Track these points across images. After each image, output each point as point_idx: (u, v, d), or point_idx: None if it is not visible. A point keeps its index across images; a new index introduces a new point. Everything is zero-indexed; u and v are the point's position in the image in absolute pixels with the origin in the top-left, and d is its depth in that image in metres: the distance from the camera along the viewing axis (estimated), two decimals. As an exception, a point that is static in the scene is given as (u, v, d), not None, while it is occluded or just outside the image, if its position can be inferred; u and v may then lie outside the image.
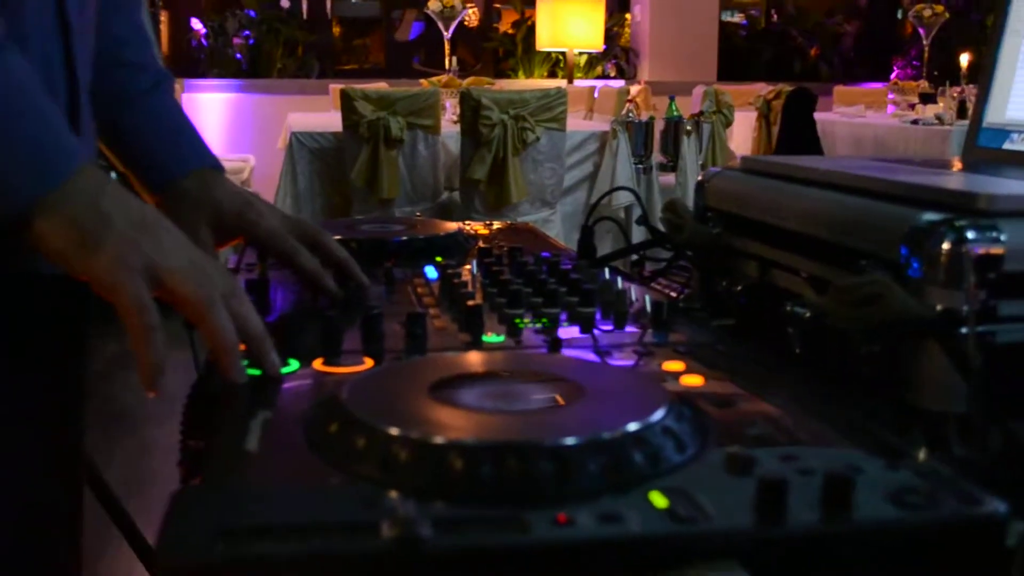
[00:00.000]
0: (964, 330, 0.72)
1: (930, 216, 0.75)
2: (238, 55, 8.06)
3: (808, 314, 0.78)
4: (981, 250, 0.72)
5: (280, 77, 8.11)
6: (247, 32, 8.10)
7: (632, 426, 0.55)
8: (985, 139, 1.15)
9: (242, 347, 0.73)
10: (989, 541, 0.51)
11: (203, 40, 8.02)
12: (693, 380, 0.71)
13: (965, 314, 0.72)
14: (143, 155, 1.02)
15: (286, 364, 0.73)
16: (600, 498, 0.50)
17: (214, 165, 1.03)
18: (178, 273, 0.74)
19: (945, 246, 0.72)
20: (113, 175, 0.81)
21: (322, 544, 0.45)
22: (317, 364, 0.73)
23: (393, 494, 0.50)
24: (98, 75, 0.97)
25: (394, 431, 0.53)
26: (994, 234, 0.72)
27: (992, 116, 1.15)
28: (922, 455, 0.58)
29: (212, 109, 7.22)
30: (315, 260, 0.96)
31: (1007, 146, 1.11)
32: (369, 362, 0.73)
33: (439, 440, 0.52)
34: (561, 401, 0.61)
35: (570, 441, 0.52)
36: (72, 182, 0.73)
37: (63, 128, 0.76)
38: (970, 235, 0.72)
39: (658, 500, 0.50)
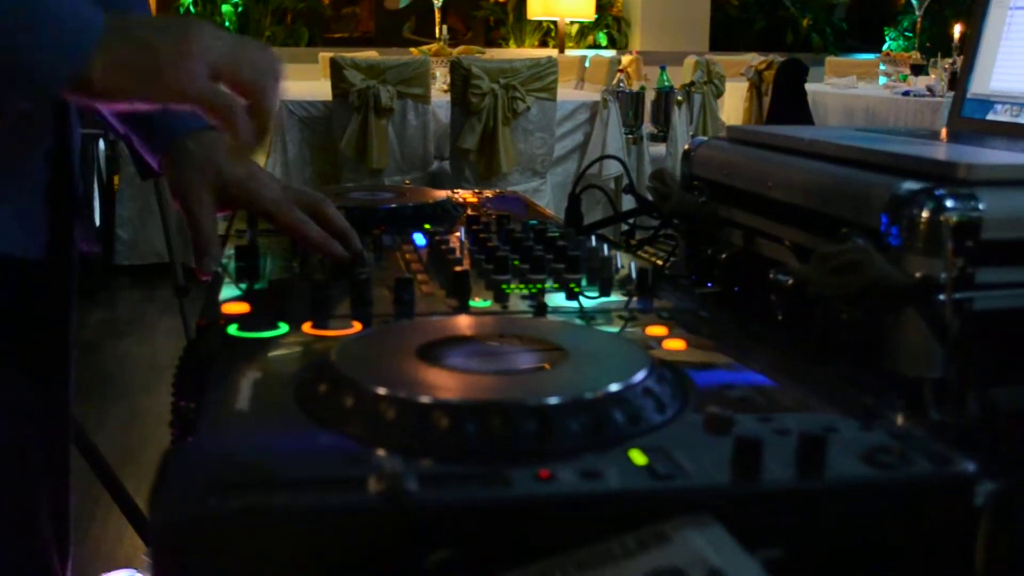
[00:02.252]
0: (942, 297, 0.74)
1: (910, 185, 0.76)
2: (227, 23, 8.01)
3: (790, 281, 0.80)
4: (959, 218, 0.73)
5: (269, 45, 8.06)
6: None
7: (613, 387, 0.56)
8: (969, 109, 1.16)
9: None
10: (958, 500, 0.53)
11: (191, 7, 7.96)
12: (675, 345, 0.72)
13: (943, 281, 0.74)
14: (145, 116, 1.01)
15: (276, 327, 0.74)
16: (581, 456, 0.51)
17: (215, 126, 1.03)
18: (231, 64, 0.78)
19: (924, 214, 0.74)
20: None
21: (311, 498, 0.47)
22: (306, 327, 0.74)
23: (380, 451, 0.51)
24: None
25: (382, 390, 0.55)
26: (972, 203, 0.74)
27: (976, 87, 1.16)
28: (899, 419, 0.60)
29: (201, 77, 7.18)
30: (320, 230, 0.96)
31: (991, 117, 1.13)
32: (358, 326, 0.75)
33: (425, 399, 0.54)
34: (545, 363, 0.63)
35: (553, 401, 0.54)
36: (108, 26, 0.74)
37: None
38: (949, 204, 0.73)
39: (638, 458, 0.51)
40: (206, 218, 0.96)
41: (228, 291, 0.85)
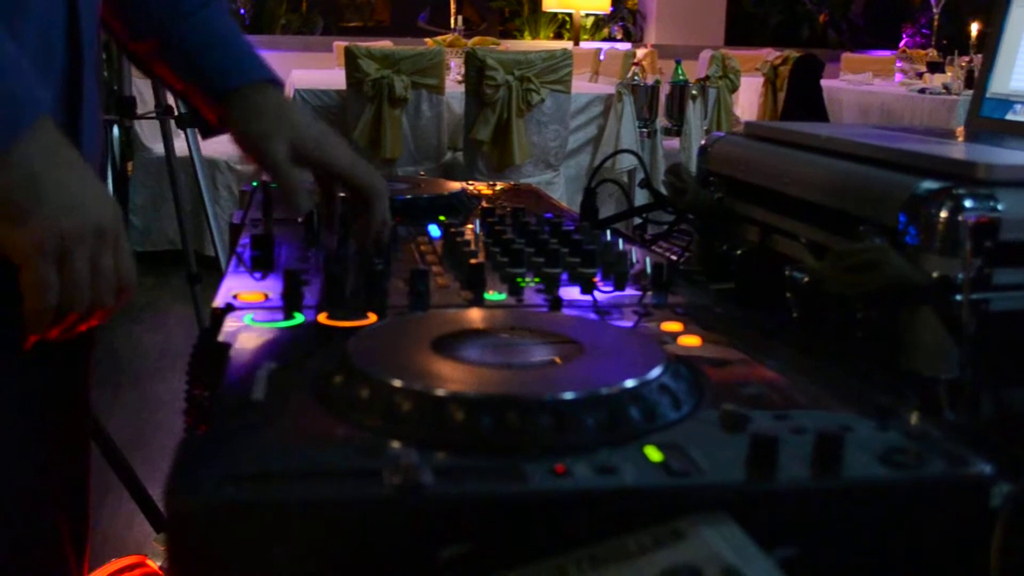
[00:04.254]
0: (959, 297, 0.73)
1: (928, 184, 0.76)
2: (242, 11, 8.01)
3: (806, 279, 0.80)
4: (978, 219, 0.73)
5: (283, 33, 8.06)
6: (251, -13, 8.06)
7: (629, 383, 0.56)
8: (988, 109, 1.16)
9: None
10: (974, 501, 0.53)
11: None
12: (691, 341, 0.72)
13: (960, 281, 0.73)
14: (204, 65, 1.01)
15: (291, 317, 0.74)
16: (597, 451, 0.51)
17: (276, 80, 1.02)
18: (80, 261, 0.77)
19: (943, 214, 0.73)
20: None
21: (327, 489, 0.47)
22: (322, 318, 0.74)
23: (396, 443, 0.51)
24: None
25: (398, 383, 0.55)
26: (991, 203, 0.73)
27: (996, 86, 1.15)
28: (914, 419, 0.60)
29: (216, 64, 7.19)
30: (386, 211, 0.97)
31: (1010, 116, 1.12)
32: (373, 317, 0.75)
33: (441, 392, 0.54)
34: (560, 358, 0.63)
35: (568, 396, 0.54)
36: (17, 146, 0.73)
37: (20, 79, 0.75)
38: (967, 204, 0.73)
39: (653, 454, 0.51)
40: (284, 161, 0.96)
41: (243, 279, 0.86)
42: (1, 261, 0.78)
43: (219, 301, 0.79)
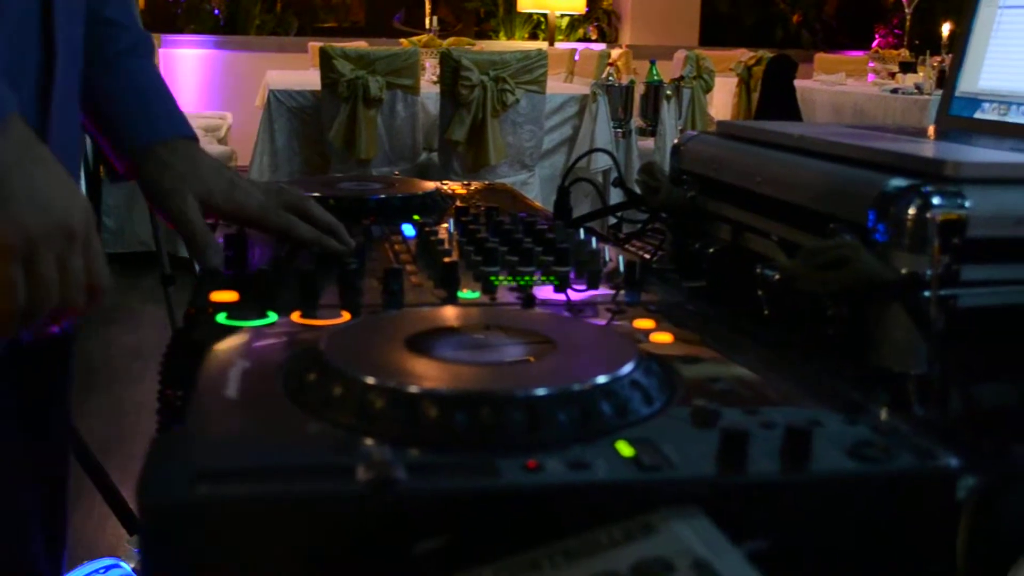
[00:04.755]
0: (927, 293, 0.74)
1: (897, 182, 0.76)
2: (216, 11, 7.97)
3: (777, 276, 0.80)
4: (945, 216, 0.74)
5: (258, 34, 8.03)
6: (225, -13, 8.02)
7: (601, 379, 0.56)
8: (958, 108, 1.17)
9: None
10: (941, 494, 0.53)
11: (181, -6, 7.93)
12: (663, 338, 0.73)
13: (929, 278, 0.74)
14: (116, 118, 1.00)
15: (264, 316, 0.74)
16: (569, 446, 0.52)
17: (189, 135, 1.01)
18: (46, 261, 0.76)
19: (911, 211, 0.74)
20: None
21: (301, 486, 0.47)
22: (295, 316, 0.74)
23: (369, 440, 0.52)
24: None
25: (371, 380, 0.55)
26: (959, 200, 0.74)
27: (965, 85, 1.16)
28: (883, 414, 0.60)
29: (189, 66, 7.16)
30: (311, 228, 0.96)
31: (978, 115, 1.13)
32: (346, 315, 0.75)
33: (414, 389, 0.54)
34: (533, 355, 0.63)
35: (541, 392, 0.54)
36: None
37: None
38: (935, 201, 0.74)
39: (625, 449, 0.52)
40: (195, 216, 0.95)
41: (216, 280, 0.85)
42: None
43: (192, 301, 0.78)
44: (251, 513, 0.46)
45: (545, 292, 0.85)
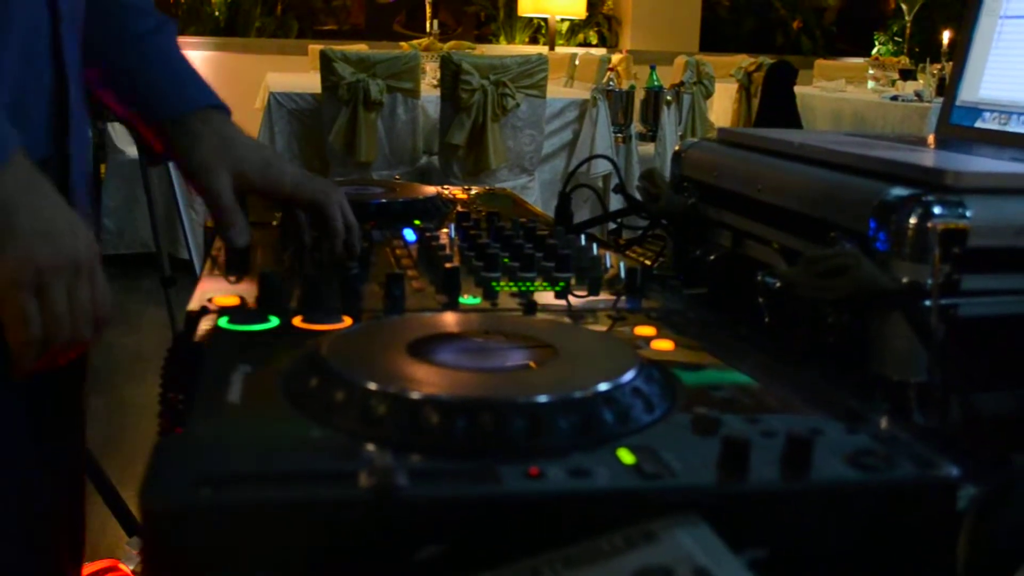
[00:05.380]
0: (928, 302, 0.74)
1: (898, 191, 0.77)
2: (216, 13, 7.97)
3: (778, 284, 0.80)
4: (946, 225, 0.74)
5: (258, 37, 8.04)
6: (226, -11, 8.02)
7: (602, 386, 0.57)
8: (958, 117, 1.17)
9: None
10: (942, 503, 0.53)
11: (181, -3, 7.93)
12: (664, 345, 0.73)
13: (929, 287, 0.74)
14: (147, 92, 1.00)
15: (266, 321, 0.74)
16: (570, 454, 0.52)
17: (221, 106, 1.02)
18: (58, 292, 0.77)
19: (912, 220, 0.74)
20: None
21: (302, 491, 0.47)
22: (296, 321, 0.74)
23: (371, 446, 0.52)
24: (98, 18, 0.96)
25: (373, 386, 0.55)
26: (960, 210, 0.75)
27: (965, 94, 1.17)
28: (884, 423, 0.61)
29: (190, 67, 7.15)
30: (339, 217, 0.97)
31: (979, 124, 1.14)
32: (348, 320, 0.75)
33: (416, 395, 0.54)
34: (534, 361, 0.63)
35: (542, 399, 0.54)
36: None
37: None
38: (936, 210, 0.74)
39: (626, 457, 0.52)
40: (226, 194, 0.96)
41: (218, 283, 0.86)
42: None
43: (194, 304, 0.79)
44: (253, 518, 0.46)
45: (546, 298, 0.85)
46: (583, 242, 1.02)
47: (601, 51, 7.54)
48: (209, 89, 1.02)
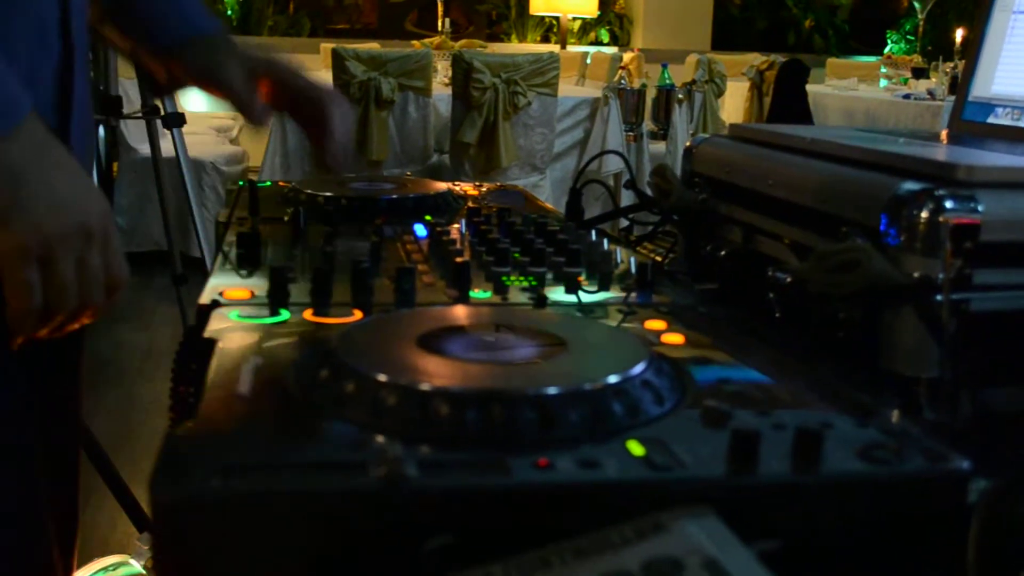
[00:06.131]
0: (939, 297, 0.74)
1: (909, 185, 0.76)
2: (228, 12, 8.00)
3: (789, 279, 0.80)
4: (958, 220, 0.74)
5: (270, 35, 8.05)
6: (238, -12, 8.04)
7: (612, 378, 0.57)
8: (970, 112, 1.17)
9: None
10: (952, 497, 0.53)
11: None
12: (674, 339, 0.73)
13: (941, 282, 0.74)
14: (152, 21, 1.02)
15: (277, 314, 0.75)
16: (580, 445, 0.52)
17: (224, 34, 1.05)
18: (64, 262, 0.76)
19: (923, 215, 0.74)
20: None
21: (312, 481, 0.47)
22: (307, 314, 0.74)
23: (381, 437, 0.52)
24: None
25: (383, 377, 0.55)
26: (971, 204, 0.74)
27: (978, 90, 1.16)
28: (895, 417, 0.60)
29: (202, 65, 7.17)
30: (343, 125, 1.02)
31: (991, 120, 1.13)
32: (358, 314, 0.75)
33: (426, 387, 0.54)
34: (545, 354, 0.63)
35: (552, 391, 0.54)
36: (1, 143, 0.72)
37: (5, 80, 0.74)
38: (948, 205, 0.74)
39: (635, 448, 0.52)
40: (239, 82, 1.00)
41: (229, 277, 0.86)
42: None
43: (205, 298, 0.79)
44: (263, 508, 0.47)
45: (557, 293, 0.85)
46: (594, 237, 1.02)
47: (613, 49, 7.53)
48: (211, 16, 1.05)
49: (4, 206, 0.73)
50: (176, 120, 3.00)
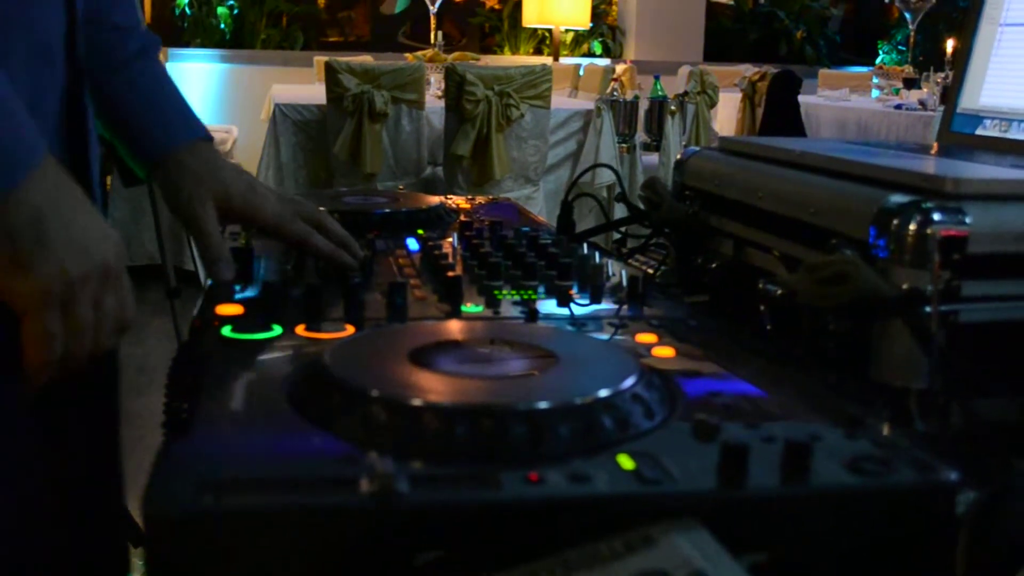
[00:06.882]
0: (928, 309, 0.75)
1: (898, 198, 0.77)
2: (222, 25, 8.01)
3: (779, 291, 0.81)
4: (946, 232, 0.74)
5: (264, 48, 8.06)
6: (231, 1, 8.04)
7: (603, 392, 0.57)
8: (959, 124, 1.17)
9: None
10: (940, 508, 0.54)
11: (186, 9, 7.96)
12: (665, 352, 0.73)
13: (929, 293, 0.75)
14: (132, 125, 1.00)
15: (269, 329, 0.75)
16: (570, 459, 0.52)
17: (205, 136, 1.01)
18: (84, 304, 0.75)
19: (911, 227, 0.75)
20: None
21: (305, 498, 0.47)
22: (300, 330, 0.75)
23: (372, 452, 0.52)
24: (87, 40, 0.95)
25: (374, 393, 0.56)
26: (959, 216, 0.75)
27: (966, 102, 1.17)
28: (884, 428, 0.61)
29: (195, 79, 7.18)
30: (327, 241, 0.96)
31: (980, 132, 1.14)
32: (351, 329, 0.75)
33: (417, 402, 0.54)
34: (535, 368, 0.64)
35: (543, 405, 0.55)
36: (20, 189, 0.71)
37: (23, 122, 0.73)
38: (936, 217, 0.74)
39: (626, 462, 0.52)
40: (212, 226, 0.95)
41: (222, 293, 0.86)
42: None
43: (198, 313, 0.79)
44: (256, 524, 0.47)
45: (549, 306, 0.85)
46: (585, 250, 1.03)
47: (605, 61, 7.55)
48: (194, 119, 1.02)
49: (27, 250, 0.72)
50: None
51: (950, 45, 6.28)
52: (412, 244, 1.08)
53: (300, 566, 0.47)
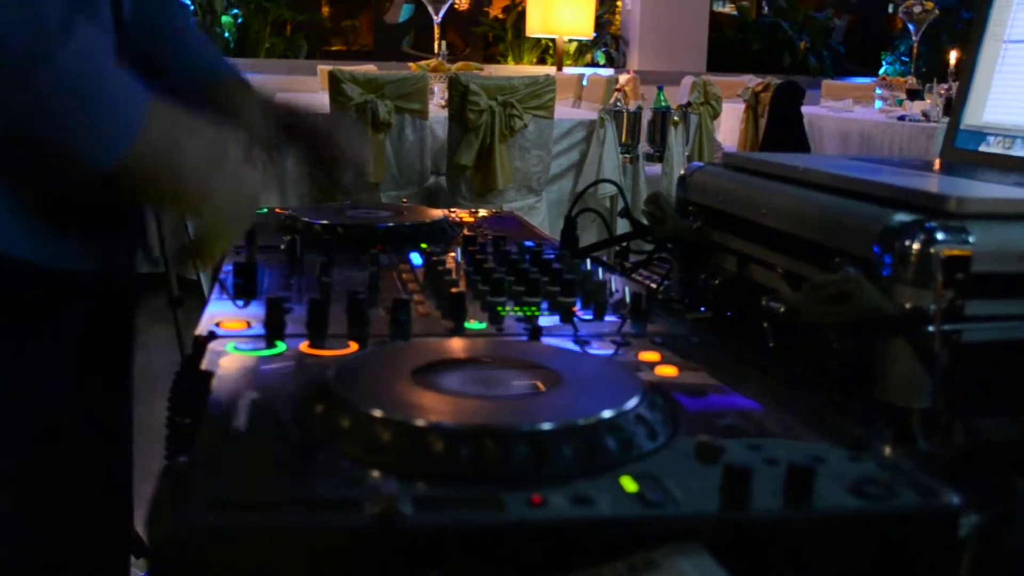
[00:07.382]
0: (931, 328, 0.75)
1: (902, 217, 0.77)
2: (226, 34, 8.02)
3: (782, 309, 0.81)
4: (949, 251, 0.74)
5: (268, 57, 8.08)
6: (235, 11, 8.06)
7: (606, 413, 0.57)
8: (962, 141, 1.18)
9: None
10: (943, 532, 0.54)
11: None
12: (668, 371, 0.73)
13: (933, 313, 0.75)
14: (177, 69, 1.12)
15: (273, 346, 0.75)
16: (573, 481, 0.52)
17: (243, 78, 1.16)
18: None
19: (915, 246, 0.75)
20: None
21: (308, 518, 0.48)
22: (303, 347, 0.75)
23: (376, 473, 0.52)
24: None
25: (378, 413, 0.56)
26: (963, 236, 0.75)
27: (970, 118, 1.17)
28: (888, 449, 0.61)
29: (200, 87, 7.19)
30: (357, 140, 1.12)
31: (983, 148, 1.14)
32: (354, 346, 0.75)
33: (421, 423, 0.54)
34: (539, 388, 0.64)
35: (546, 426, 0.55)
36: (145, 131, 0.79)
37: (132, 84, 0.80)
38: (939, 236, 0.75)
39: (629, 484, 0.52)
40: (259, 122, 1.10)
41: (226, 308, 0.86)
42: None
43: (202, 329, 0.79)
44: (259, 545, 0.47)
45: (551, 323, 0.85)
46: (588, 266, 1.03)
47: (609, 71, 7.56)
48: (224, 61, 1.18)
49: (204, 174, 0.84)
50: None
51: (953, 56, 6.28)
52: (416, 259, 1.08)
53: (303, 587, 0.47)
